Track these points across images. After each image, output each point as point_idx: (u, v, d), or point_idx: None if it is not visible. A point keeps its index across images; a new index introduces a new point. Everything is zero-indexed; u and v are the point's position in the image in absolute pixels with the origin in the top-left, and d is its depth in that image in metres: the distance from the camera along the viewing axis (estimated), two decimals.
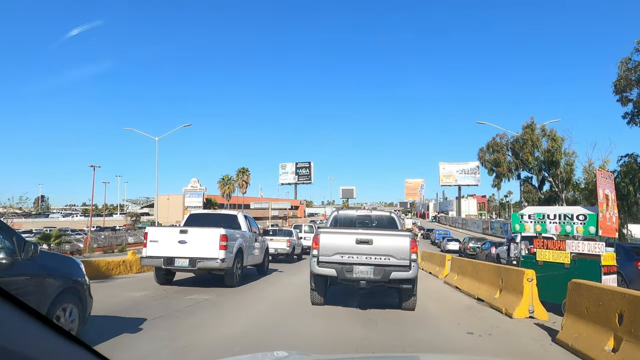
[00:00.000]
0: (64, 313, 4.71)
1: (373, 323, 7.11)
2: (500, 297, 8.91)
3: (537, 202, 33.09)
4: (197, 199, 79.42)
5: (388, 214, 9.98)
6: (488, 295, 9.57)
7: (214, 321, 6.85)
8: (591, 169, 31.23)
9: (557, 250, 8.62)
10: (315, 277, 8.09)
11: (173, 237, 10.07)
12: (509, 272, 8.74)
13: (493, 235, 48.46)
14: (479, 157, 38.84)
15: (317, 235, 7.98)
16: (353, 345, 5.65)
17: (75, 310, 4.86)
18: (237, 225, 11.78)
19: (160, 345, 5.30)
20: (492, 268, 9.98)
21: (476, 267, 11.36)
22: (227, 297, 9.31)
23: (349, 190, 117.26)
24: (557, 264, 8.60)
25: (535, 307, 7.88)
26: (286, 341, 5.77)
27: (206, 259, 9.86)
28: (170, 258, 9.90)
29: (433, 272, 17.21)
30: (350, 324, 7.01)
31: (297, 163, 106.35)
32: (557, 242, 8.66)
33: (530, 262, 9.07)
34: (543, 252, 8.84)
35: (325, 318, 7.38)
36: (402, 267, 7.64)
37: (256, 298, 9.46)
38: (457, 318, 8.09)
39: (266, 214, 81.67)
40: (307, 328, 6.58)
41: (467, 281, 11.76)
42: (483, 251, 26.66)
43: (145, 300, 8.58)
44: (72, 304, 4.82)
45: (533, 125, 33.11)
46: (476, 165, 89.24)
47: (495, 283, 9.43)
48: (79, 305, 4.92)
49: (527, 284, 7.94)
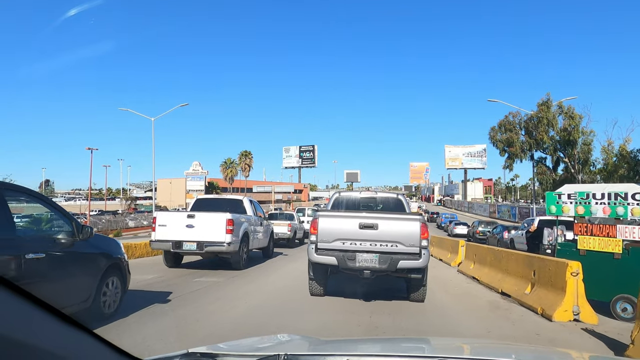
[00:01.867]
0: (111, 284, 5.59)
1: (380, 317, 6.30)
2: (533, 293, 7.37)
3: (551, 184, 31.37)
4: (199, 183, 78.40)
5: (395, 195, 9.06)
6: (516, 290, 8.04)
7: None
8: (610, 149, 29.42)
9: (605, 237, 7.04)
10: (314, 266, 7.32)
11: (181, 222, 10.36)
12: (545, 263, 7.19)
13: (501, 219, 46.91)
14: (490, 136, 36.82)
15: (316, 219, 7.18)
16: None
17: (119, 283, 5.77)
18: (243, 209, 12.01)
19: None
20: (521, 257, 8.42)
21: (498, 256, 9.81)
22: (234, 280, 9.48)
23: (354, 173, 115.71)
24: (605, 254, 7.03)
25: (582, 307, 6.34)
26: (291, 323, 5.81)
27: (213, 242, 10.13)
28: (179, 242, 10.20)
29: (444, 259, 15.73)
30: (352, 318, 6.22)
31: (301, 146, 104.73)
32: (605, 226, 7.08)
33: (569, 251, 7.51)
34: (587, 239, 7.26)
35: (325, 309, 6.84)
36: (412, 254, 6.85)
37: (263, 281, 9.53)
38: (482, 319, 6.63)
39: (269, 198, 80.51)
40: (308, 315, 6.41)
41: (487, 271, 10.24)
42: (494, 236, 25.09)
43: (156, 282, 8.71)
44: (116, 277, 5.71)
45: (549, 102, 31.07)
46: (483, 148, 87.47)
47: (526, 275, 7.89)
48: (121, 278, 5.82)
49: (571, 278, 6.38)
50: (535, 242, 10.46)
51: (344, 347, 2.12)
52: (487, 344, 3.72)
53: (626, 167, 26.65)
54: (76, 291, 4.96)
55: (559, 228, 7.80)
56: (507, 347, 3.37)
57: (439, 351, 2.00)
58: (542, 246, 8.73)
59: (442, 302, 7.91)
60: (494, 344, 4.16)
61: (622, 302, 6.69)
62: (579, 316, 6.31)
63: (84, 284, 5.06)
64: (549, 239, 8.52)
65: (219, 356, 1.52)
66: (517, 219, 45.43)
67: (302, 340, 2.12)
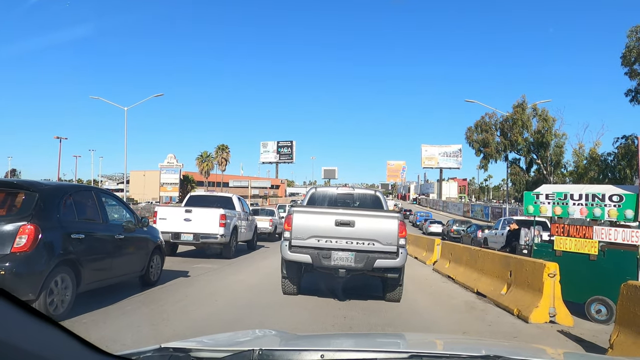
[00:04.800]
0: (155, 260, 7.50)
1: (354, 317, 6.14)
2: (509, 294, 7.29)
3: (524, 185, 31.96)
4: (173, 176, 76.66)
5: (373, 192, 8.89)
6: (492, 291, 7.96)
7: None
8: (581, 152, 30.17)
9: (581, 238, 7.01)
10: (287, 264, 7.06)
11: (179, 216, 11.66)
12: (522, 263, 7.11)
13: (474, 219, 47.66)
14: (467, 136, 37.24)
15: (290, 215, 6.94)
16: None
17: (159, 260, 7.76)
18: (232, 206, 13.35)
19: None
20: (497, 257, 8.35)
21: (474, 255, 9.74)
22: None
23: (331, 170, 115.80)
24: (581, 255, 7.00)
25: (558, 309, 6.27)
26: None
27: (208, 234, 11.47)
28: (177, 233, 11.48)
29: (419, 258, 15.69)
30: (327, 319, 6.04)
31: (279, 142, 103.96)
32: (582, 227, 7.05)
33: (545, 251, 7.47)
34: (563, 240, 7.22)
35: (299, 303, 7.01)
36: (389, 253, 6.66)
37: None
38: (458, 320, 6.50)
39: (246, 193, 79.51)
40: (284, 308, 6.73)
41: (463, 271, 10.17)
42: (468, 234, 25.36)
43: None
44: (158, 255, 7.67)
45: (524, 104, 31.63)
46: (458, 148, 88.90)
47: (502, 276, 7.82)
48: (161, 256, 7.85)
49: (548, 280, 6.30)
50: (513, 241, 10.44)
51: (318, 341, 2.08)
52: (461, 339, 3.71)
53: (596, 169, 27.35)
54: (138, 263, 6.98)
55: (536, 228, 7.74)
56: (481, 342, 3.24)
57: (413, 346, 1.98)
58: (519, 246, 8.69)
59: (418, 302, 7.76)
60: (468, 339, 4.07)
61: (596, 303, 6.67)
62: (555, 318, 6.25)
63: (141, 259, 7.06)
64: (525, 239, 8.47)
65: (192, 351, 1.51)
66: (490, 218, 46.23)
67: (277, 336, 2.13)
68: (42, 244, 4.81)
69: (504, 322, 6.35)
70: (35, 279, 4.69)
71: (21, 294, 4.57)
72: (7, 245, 4.62)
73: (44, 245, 4.85)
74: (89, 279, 5.55)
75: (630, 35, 22.95)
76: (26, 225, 4.75)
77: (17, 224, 4.76)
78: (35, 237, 4.73)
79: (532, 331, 5.87)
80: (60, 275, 5.03)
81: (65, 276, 5.12)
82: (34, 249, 4.71)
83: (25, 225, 4.75)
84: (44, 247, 4.84)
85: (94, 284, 5.82)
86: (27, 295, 4.63)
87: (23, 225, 4.75)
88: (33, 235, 4.73)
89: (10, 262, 4.58)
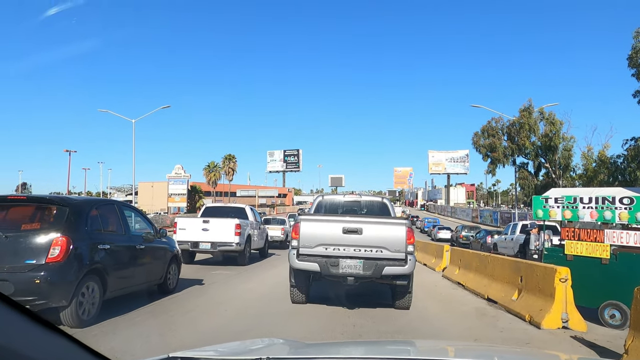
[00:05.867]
0: (172, 269, 7.81)
1: (364, 325, 6.07)
2: (520, 300, 7.20)
3: (533, 190, 31.66)
4: (181, 186, 76.97)
5: (380, 199, 8.84)
6: (502, 297, 7.87)
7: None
8: (590, 155, 29.87)
9: (592, 242, 6.92)
10: (295, 272, 7.04)
11: (198, 226, 12.45)
12: (533, 268, 7.02)
13: (483, 224, 47.27)
14: (473, 141, 37.04)
15: (298, 223, 6.93)
16: None
17: (176, 269, 8.08)
18: (245, 216, 14.01)
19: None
20: (507, 263, 8.26)
21: (484, 261, 9.64)
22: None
23: (338, 178, 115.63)
24: (592, 259, 6.91)
25: (571, 314, 6.17)
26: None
27: (225, 243, 12.25)
28: (196, 242, 12.28)
29: (429, 264, 15.56)
30: (336, 327, 6.00)
31: (285, 150, 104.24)
32: (593, 231, 6.96)
33: (556, 256, 7.38)
34: (574, 244, 7.13)
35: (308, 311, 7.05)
36: (397, 260, 6.60)
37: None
38: (469, 327, 6.42)
39: (253, 202, 79.74)
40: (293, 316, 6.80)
41: (473, 277, 10.07)
42: (477, 240, 25.17)
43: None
44: (175, 264, 7.95)
45: (531, 108, 31.40)
46: (465, 153, 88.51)
47: (512, 281, 7.73)
48: (178, 266, 8.14)
49: (560, 285, 6.21)
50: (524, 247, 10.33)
51: (327, 350, 2.04)
52: (472, 346, 3.64)
53: (606, 172, 27.05)
54: (157, 272, 7.29)
55: (546, 232, 7.66)
56: (492, 348, 3.19)
57: (424, 353, 1.95)
58: (529, 251, 8.59)
59: (428, 309, 7.69)
60: (479, 346, 3.99)
61: (610, 308, 6.56)
62: (567, 323, 6.14)
63: (159, 267, 7.37)
64: (535, 243, 8.38)
65: None
66: (499, 223, 45.86)
67: (285, 344, 2.11)
68: (73, 255, 5.17)
69: (516, 329, 6.27)
70: (68, 286, 5.04)
71: (55, 301, 4.95)
72: (42, 256, 4.97)
73: (75, 256, 5.22)
74: (113, 287, 5.86)
75: (636, 36, 22.79)
76: (59, 237, 5.10)
77: (51, 236, 5.10)
78: (67, 248, 5.07)
79: (544, 337, 5.79)
80: (89, 283, 5.37)
81: (93, 284, 5.45)
82: (66, 259, 5.06)
83: (58, 237, 5.09)
84: (74, 258, 5.21)
85: (118, 292, 6.12)
86: (60, 302, 4.97)
87: (56, 237, 5.09)
88: (65, 247, 5.07)
89: (45, 271, 4.92)
